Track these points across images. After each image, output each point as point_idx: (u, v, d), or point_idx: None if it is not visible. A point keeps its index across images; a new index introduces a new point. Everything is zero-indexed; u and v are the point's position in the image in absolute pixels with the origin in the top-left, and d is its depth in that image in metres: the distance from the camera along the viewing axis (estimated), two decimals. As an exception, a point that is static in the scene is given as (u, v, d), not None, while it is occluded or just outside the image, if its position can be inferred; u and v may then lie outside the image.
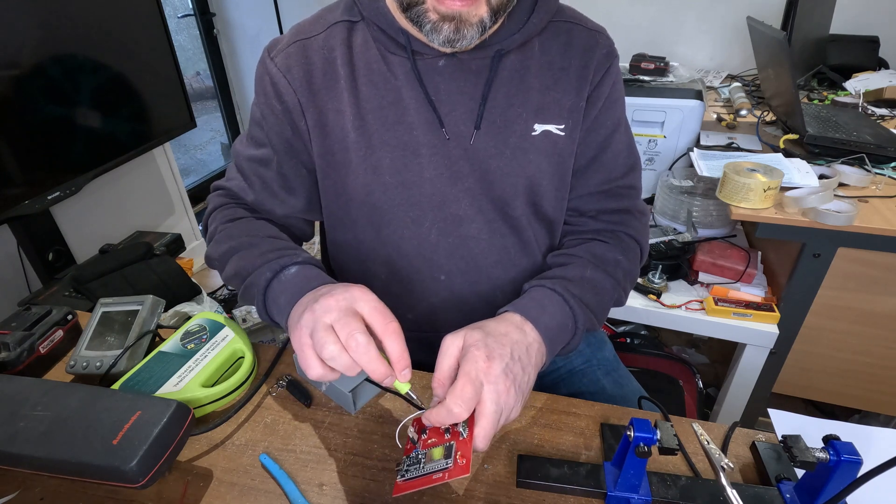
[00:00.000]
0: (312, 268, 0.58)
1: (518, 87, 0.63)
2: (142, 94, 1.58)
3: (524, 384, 0.50)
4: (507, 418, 0.48)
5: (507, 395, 0.47)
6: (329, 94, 0.63)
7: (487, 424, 0.45)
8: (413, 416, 0.53)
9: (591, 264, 0.65)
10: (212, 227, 0.69)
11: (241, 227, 0.66)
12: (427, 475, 0.45)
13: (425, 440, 0.49)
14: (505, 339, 0.51)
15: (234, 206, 0.70)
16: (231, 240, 0.64)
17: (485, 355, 0.48)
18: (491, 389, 0.46)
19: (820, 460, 0.45)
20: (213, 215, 0.70)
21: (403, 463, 0.49)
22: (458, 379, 0.46)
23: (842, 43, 1.75)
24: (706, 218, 1.25)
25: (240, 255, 0.62)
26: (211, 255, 0.67)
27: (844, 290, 1.05)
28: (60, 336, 0.69)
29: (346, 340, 0.44)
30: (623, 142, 0.70)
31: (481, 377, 0.47)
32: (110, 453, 0.47)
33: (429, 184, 0.64)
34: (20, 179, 1.26)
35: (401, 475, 0.47)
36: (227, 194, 0.72)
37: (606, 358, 0.80)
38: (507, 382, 0.47)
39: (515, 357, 0.50)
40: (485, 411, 0.46)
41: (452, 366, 0.49)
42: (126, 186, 1.83)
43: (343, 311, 0.46)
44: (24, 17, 1.23)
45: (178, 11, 2.74)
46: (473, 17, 0.54)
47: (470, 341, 0.49)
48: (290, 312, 0.52)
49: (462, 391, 0.45)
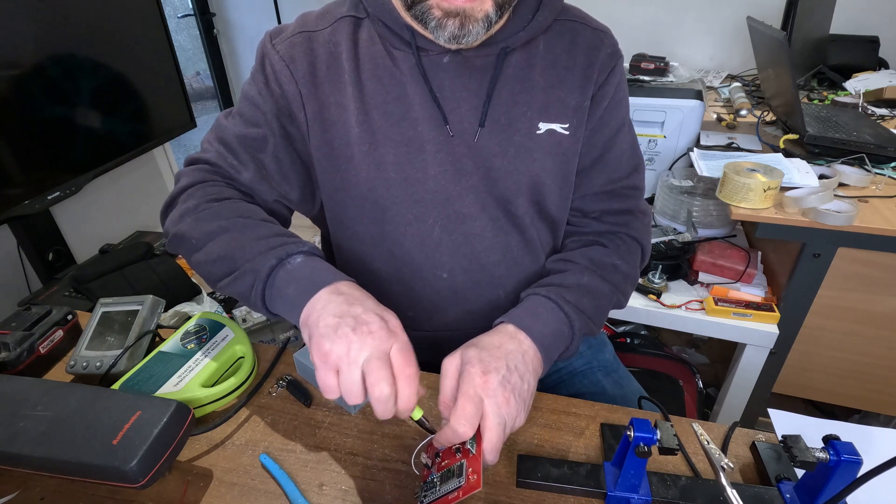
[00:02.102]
0: (318, 259, 0.55)
1: (523, 86, 0.63)
2: (142, 94, 1.58)
3: (524, 392, 0.51)
4: (511, 427, 0.49)
5: (508, 406, 0.48)
6: (332, 87, 0.63)
7: (493, 437, 0.46)
8: (424, 441, 0.55)
9: (588, 270, 0.65)
10: (190, 202, 0.61)
11: (232, 208, 0.60)
12: (443, 497, 0.47)
13: (439, 463, 0.51)
14: (499, 352, 0.52)
15: (220, 184, 0.64)
16: (219, 218, 0.58)
17: (480, 371, 0.49)
18: (491, 403, 0.47)
19: (820, 460, 0.45)
20: (192, 190, 0.63)
21: (420, 489, 0.50)
22: (458, 399, 0.47)
23: (842, 43, 1.75)
24: (706, 218, 1.25)
25: (230, 237, 0.57)
26: (185, 233, 0.59)
27: (844, 290, 1.05)
28: (60, 336, 0.69)
29: (372, 387, 0.44)
30: (627, 142, 0.70)
31: (480, 393, 0.48)
32: (110, 453, 0.47)
33: (432, 180, 0.64)
34: (20, 179, 1.25)
35: (420, 502, 0.49)
36: (213, 170, 0.65)
37: (607, 359, 0.80)
38: (506, 394, 0.48)
39: (511, 367, 0.51)
40: (489, 425, 0.47)
41: (453, 386, 0.50)
42: (126, 186, 1.83)
43: (377, 355, 0.45)
44: (24, 17, 1.23)
45: (178, 11, 2.75)
46: (478, 12, 0.54)
47: (465, 359, 0.51)
48: (307, 309, 0.50)
49: (463, 410, 0.46)
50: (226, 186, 0.64)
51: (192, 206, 0.61)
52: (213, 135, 0.67)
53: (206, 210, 0.60)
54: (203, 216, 0.59)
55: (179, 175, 0.66)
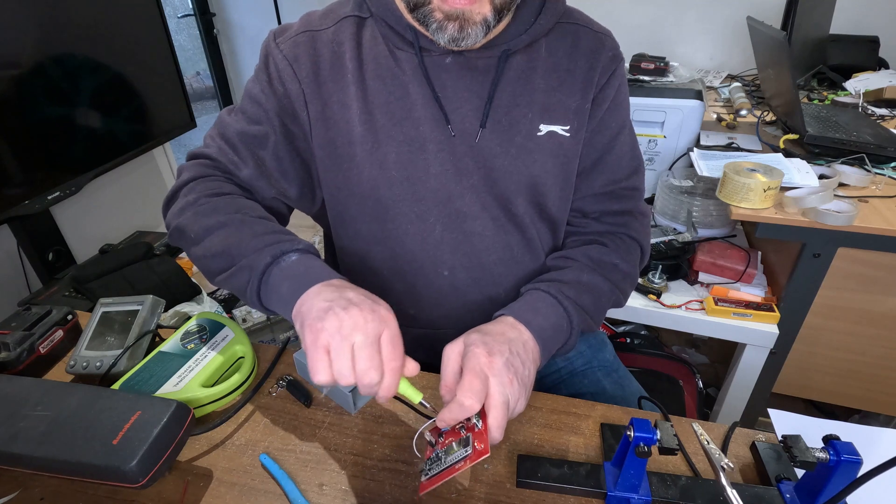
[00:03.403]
0: (313, 257, 0.56)
1: (524, 88, 0.64)
2: (142, 94, 1.58)
3: (525, 378, 0.52)
4: (513, 411, 0.49)
5: (512, 387, 0.49)
6: (335, 86, 0.63)
7: (499, 414, 0.47)
8: (427, 424, 0.55)
9: (588, 268, 0.66)
10: (190, 196, 0.62)
11: (230, 203, 0.61)
12: (449, 467, 0.47)
13: (443, 442, 0.51)
14: (502, 338, 0.53)
15: (220, 180, 0.65)
16: (218, 214, 0.59)
17: (485, 352, 0.50)
18: (496, 382, 0.48)
19: (820, 460, 0.45)
20: (193, 185, 0.64)
21: (425, 465, 0.50)
22: (463, 375, 0.48)
23: (842, 43, 1.75)
24: (706, 218, 1.25)
25: (228, 233, 0.57)
26: (185, 226, 0.60)
27: (844, 290, 1.05)
28: (60, 336, 0.69)
29: (361, 375, 0.45)
30: (627, 144, 0.71)
31: (486, 371, 0.49)
32: (110, 453, 0.47)
33: (434, 179, 0.64)
34: (20, 179, 1.26)
35: (424, 475, 0.49)
36: (214, 166, 0.66)
37: (607, 359, 0.80)
38: (510, 375, 0.50)
39: (514, 352, 0.52)
40: (494, 402, 0.47)
41: (456, 371, 0.51)
42: (126, 186, 1.83)
43: (370, 339, 0.45)
44: (24, 17, 1.23)
45: (178, 11, 2.75)
46: (477, 15, 0.55)
47: (469, 342, 0.52)
48: (299, 302, 0.50)
49: (470, 384, 0.47)
50: (225, 182, 0.65)
51: (192, 200, 0.61)
52: (216, 130, 0.68)
53: (206, 205, 0.60)
54: (202, 211, 0.60)
55: (181, 169, 0.67)
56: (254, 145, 0.65)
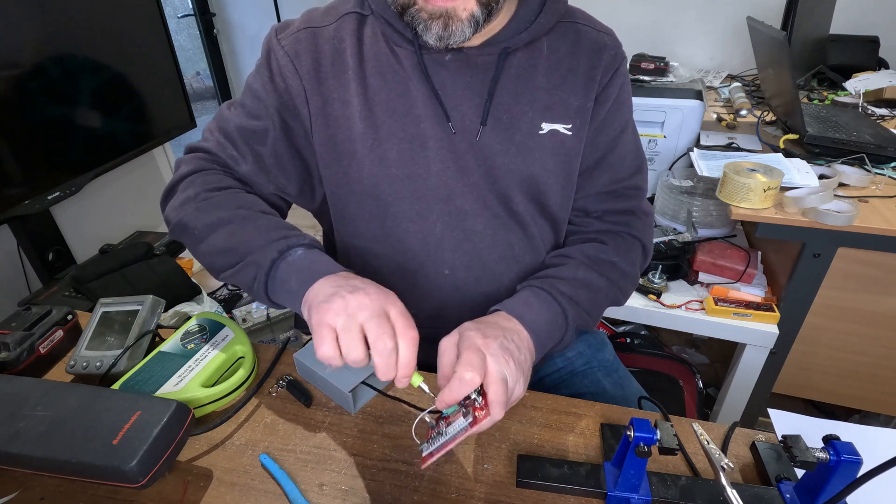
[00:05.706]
0: (319, 252, 0.57)
1: (525, 86, 0.64)
2: (142, 94, 1.58)
3: (522, 362, 0.52)
4: (512, 392, 0.49)
5: (509, 366, 0.49)
6: (336, 83, 0.63)
7: (499, 390, 0.47)
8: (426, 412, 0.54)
9: (584, 265, 0.66)
10: (190, 190, 0.62)
11: (232, 198, 0.61)
12: (451, 438, 0.47)
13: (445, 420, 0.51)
14: (496, 325, 0.54)
15: (220, 173, 0.64)
16: (220, 209, 0.59)
17: (481, 335, 0.51)
18: (493, 359, 0.48)
19: (820, 460, 0.45)
20: (192, 178, 0.63)
21: (425, 445, 0.50)
22: (461, 354, 0.48)
23: (842, 43, 1.75)
24: (706, 218, 1.25)
25: (233, 229, 0.57)
26: (187, 223, 0.60)
27: (844, 290, 1.05)
28: (60, 336, 0.69)
29: (375, 341, 0.45)
30: (630, 143, 0.71)
31: (483, 349, 0.49)
32: (110, 453, 0.47)
33: (435, 177, 0.64)
34: (20, 179, 1.26)
35: (425, 450, 0.48)
36: (213, 160, 0.65)
37: (607, 359, 0.80)
38: (506, 356, 0.50)
39: (509, 338, 0.53)
40: (493, 378, 0.47)
41: (453, 360, 0.51)
42: (126, 186, 1.83)
43: (376, 312, 0.46)
44: (24, 17, 1.23)
45: (178, 11, 2.75)
46: (462, 11, 0.55)
47: (463, 330, 0.52)
48: (308, 293, 0.51)
49: (469, 360, 0.47)
50: (225, 175, 0.65)
51: (192, 195, 0.61)
52: (215, 124, 0.68)
53: (207, 200, 0.60)
54: (204, 206, 0.60)
55: (179, 162, 0.66)
56: (253, 141, 0.65)
